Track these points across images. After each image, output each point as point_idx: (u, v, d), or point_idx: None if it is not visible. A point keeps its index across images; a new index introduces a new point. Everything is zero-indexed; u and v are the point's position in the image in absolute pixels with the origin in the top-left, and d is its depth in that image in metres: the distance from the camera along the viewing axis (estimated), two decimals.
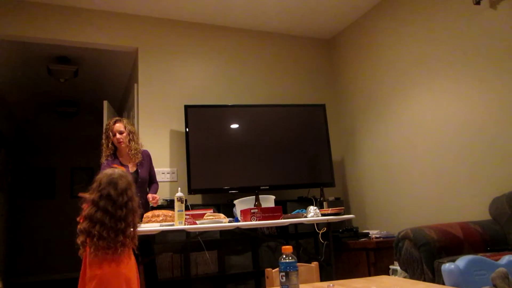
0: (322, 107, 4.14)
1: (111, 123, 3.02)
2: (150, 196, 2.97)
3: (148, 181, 3.16)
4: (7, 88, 5.38)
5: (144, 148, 3.78)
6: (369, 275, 3.33)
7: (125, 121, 3.06)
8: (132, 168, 3.04)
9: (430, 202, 3.43)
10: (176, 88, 4.07)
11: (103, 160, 3.01)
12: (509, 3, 2.82)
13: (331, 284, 1.34)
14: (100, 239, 1.80)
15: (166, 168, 3.87)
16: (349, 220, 4.21)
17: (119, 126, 2.99)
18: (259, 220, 2.79)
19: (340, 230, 3.75)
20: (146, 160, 3.14)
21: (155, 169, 3.80)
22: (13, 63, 4.68)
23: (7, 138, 5.76)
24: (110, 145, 3.01)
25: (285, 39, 4.67)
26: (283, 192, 4.11)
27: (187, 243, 3.51)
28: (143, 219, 2.73)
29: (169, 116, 3.99)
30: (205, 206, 3.64)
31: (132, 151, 3.02)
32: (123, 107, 5.63)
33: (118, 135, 2.98)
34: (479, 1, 2.94)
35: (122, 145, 3.00)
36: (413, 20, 3.65)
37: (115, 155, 3.06)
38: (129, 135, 3.01)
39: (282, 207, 3.37)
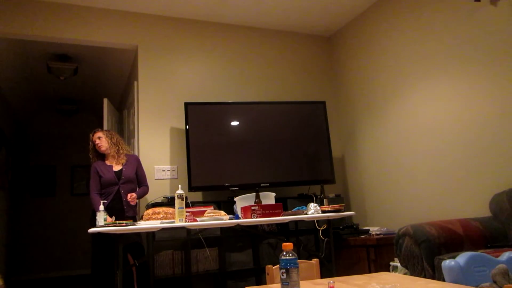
0: (323, 104, 4.14)
1: (91, 134, 3.44)
2: (128, 194, 3.21)
3: (135, 180, 3.40)
4: (7, 86, 5.38)
5: (143, 146, 3.81)
6: (370, 271, 3.33)
7: (104, 131, 3.47)
8: (116, 167, 3.36)
9: (430, 198, 3.44)
10: (176, 86, 4.07)
11: (92, 163, 3.43)
12: (509, 0, 2.81)
13: (332, 281, 1.34)
14: None
15: (167, 166, 3.88)
16: (350, 217, 4.22)
17: (97, 134, 3.41)
18: (260, 217, 2.80)
19: (341, 227, 3.75)
20: (132, 162, 3.43)
21: (156, 167, 3.82)
22: (13, 61, 4.68)
23: (7, 136, 5.76)
24: (93, 152, 3.43)
25: (285, 36, 4.66)
26: (283, 189, 4.12)
27: (187, 240, 3.52)
28: (143, 216, 2.74)
29: (169, 114, 3.99)
30: (205, 203, 3.65)
31: (111, 153, 3.37)
32: (123, 104, 5.63)
33: (97, 141, 3.38)
34: None
35: (102, 149, 3.36)
36: (413, 17, 3.64)
37: (103, 159, 3.42)
38: (109, 140, 3.38)
39: (283, 204, 3.37)
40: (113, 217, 2.85)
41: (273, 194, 3.32)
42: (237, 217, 3.02)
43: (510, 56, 2.81)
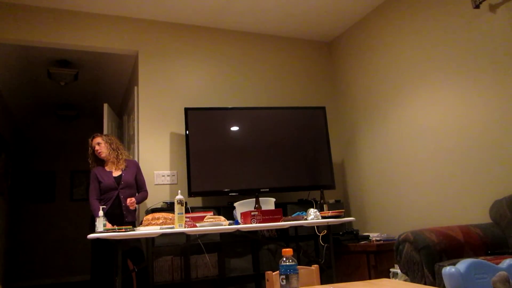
0: (323, 109, 4.14)
1: (90, 139, 3.40)
2: (128, 199, 3.20)
3: (134, 186, 3.39)
4: (8, 92, 5.39)
5: (143, 151, 3.81)
6: (370, 278, 3.32)
7: (103, 136, 3.42)
8: (116, 173, 3.34)
9: (430, 205, 3.43)
10: (176, 91, 4.08)
11: (92, 169, 3.40)
12: (508, 7, 2.83)
13: (332, 287, 1.34)
14: None
15: (166, 171, 3.87)
16: (350, 222, 4.21)
17: (96, 140, 3.37)
18: (259, 222, 2.79)
19: (341, 233, 3.74)
20: (131, 167, 3.42)
21: (156, 172, 3.81)
22: (14, 66, 4.69)
23: (7, 141, 5.76)
24: (92, 157, 3.39)
25: (286, 42, 4.68)
26: (283, 195, 4.11)
27: (187, 246, 3.51)
28: (143, 222, 2.73)
29: (169, 119, 3.99)
30: (205, 208, 3.64)
31: (111, 159, 3.35)
32: (123, 110, 5.63)
33: (96, 147, 3.35)
34: (479, 5, 2.95)
35: (102, 155, 3.34)
36: (413, 23, 3.65)
37: (102, 164, 3.39)
38: (108, 146, 3.35)
39: (282, 210, 3.37)
40: (115, 227, 2.84)
41: (273, 199, 3.32)
42: (237, 223, 3.01)
43: (509, 62, 2.81)
